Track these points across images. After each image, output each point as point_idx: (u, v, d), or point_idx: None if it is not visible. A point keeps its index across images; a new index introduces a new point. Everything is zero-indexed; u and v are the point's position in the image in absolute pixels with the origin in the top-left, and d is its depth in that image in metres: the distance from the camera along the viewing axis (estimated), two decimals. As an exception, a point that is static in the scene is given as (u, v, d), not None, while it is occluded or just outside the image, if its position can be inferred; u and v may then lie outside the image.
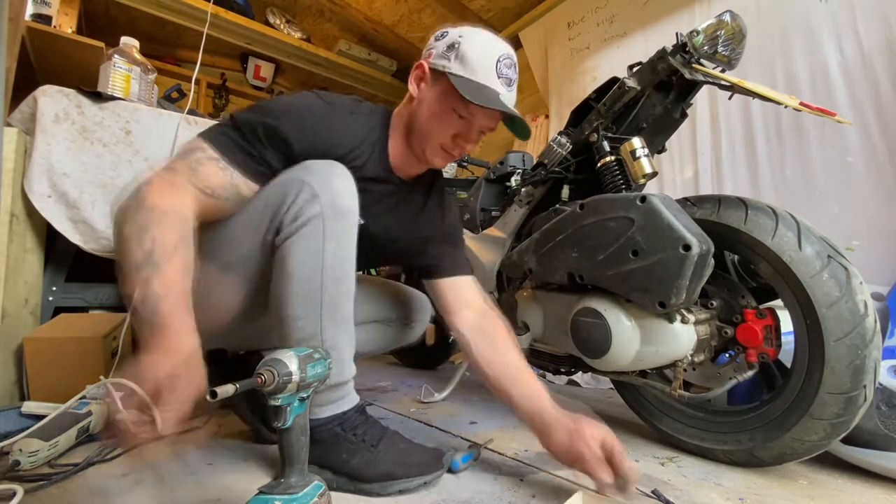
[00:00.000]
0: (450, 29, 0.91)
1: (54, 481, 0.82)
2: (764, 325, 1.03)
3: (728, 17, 1.08)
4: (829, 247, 0.95)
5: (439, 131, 0.90)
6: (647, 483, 0.94)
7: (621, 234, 1.00)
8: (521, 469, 1.01)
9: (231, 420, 1.17)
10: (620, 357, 1.04)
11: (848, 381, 0.90)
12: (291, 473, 0.67)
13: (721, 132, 1.91)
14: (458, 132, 0.91)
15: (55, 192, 1.40)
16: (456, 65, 0.87)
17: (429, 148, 0.92)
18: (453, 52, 0.87)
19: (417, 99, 0.92)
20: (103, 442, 0.94)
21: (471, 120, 0.89)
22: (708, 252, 0.94)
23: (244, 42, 3.22)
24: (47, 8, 1.83)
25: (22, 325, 1.37)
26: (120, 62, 1.58)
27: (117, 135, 1.51)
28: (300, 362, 0.63)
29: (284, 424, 0.64)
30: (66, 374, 1.21)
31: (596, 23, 2.55)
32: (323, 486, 0.70)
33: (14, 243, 1.33)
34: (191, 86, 1.86)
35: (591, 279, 1.06)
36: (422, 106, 0.91)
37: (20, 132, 1.38)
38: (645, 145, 1.14)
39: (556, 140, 1.31)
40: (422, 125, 0.91)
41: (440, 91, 0.89)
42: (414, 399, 1.56)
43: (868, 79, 1.54)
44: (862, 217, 1.50)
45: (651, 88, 1.14)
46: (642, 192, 1.00)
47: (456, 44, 0.88)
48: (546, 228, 1.17)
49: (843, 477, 1.06)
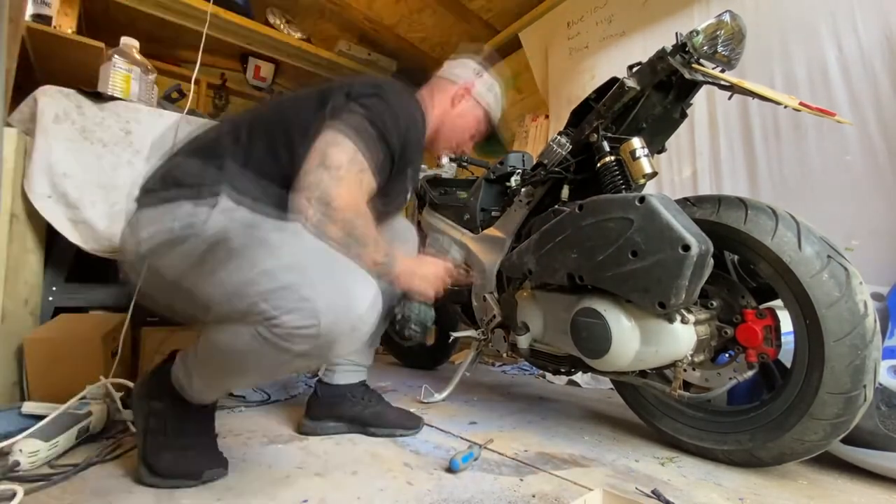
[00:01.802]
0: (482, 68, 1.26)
1: (54, 482, 0.82)
2: (764, 325, 1.03)
3: (728, 17, 1.08)
4: (828, 247, 0.95)
5: (461, 139, 1.27)
6: (647, 483, 0.94)
7: (620, 234, 1.00)
8: (521, 469, 1.01)
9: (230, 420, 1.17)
10: (620, 357, 1.04)
11: (848, 381, 0.90)
12: None
13: (719, 132, 1.91)
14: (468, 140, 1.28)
15: (55, 192, 1.40)
16: (493, 102, 1.27)
17: (447, 146, 1.27)
18: (492, 93, 1.26)
19: (458, 110, 1.22)
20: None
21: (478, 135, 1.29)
22: (707, 252, 0.94)
23: (244, 42, 3.22)
24: (47, 8, 1.83)
25: (22, 325, 1.37)
26: (120, 62, 1.58)
27: (117, 135, 1.51)
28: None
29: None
30: (66, 375, 1.21)
31: (595, 22, 2.55)
32: None
33: (14, 243, 1.33)
34: (191, 86, 1.86)
35: (591, 280, 1.06)
36: (462, 117, 1.23)
37: (20, 132, 1.39)
38: (645, 145, 1.14)
39: (556, 140, 1.31)
40: (453, 131, 1.24)
41: (480, 115, 1.26)
42: (414, 399, 1.56)
43: (867, 77, 1.54)
44: (861, 217, 1.50)
45: (651, 88, 1.14)
46: (641, 193, 1.00)
47: (493, 86, 1.26)
48: (545, 229, 1.17)
49: (843, 477, 1.06)
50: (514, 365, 2.38)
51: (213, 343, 0.80)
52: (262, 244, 0.76)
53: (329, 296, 0.73)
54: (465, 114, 1.23)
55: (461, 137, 1.26)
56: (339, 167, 0.86)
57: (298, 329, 0.71)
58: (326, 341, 0.73)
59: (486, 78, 1.26)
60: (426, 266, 1.11)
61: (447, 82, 1.23)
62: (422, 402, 1.53)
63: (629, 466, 1.05)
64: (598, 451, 1.14)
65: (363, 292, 0.76)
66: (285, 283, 0.72)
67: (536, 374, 2.21)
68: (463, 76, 1.24)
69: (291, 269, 0.74)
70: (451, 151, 1.29)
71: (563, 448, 1.16)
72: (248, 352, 0.75)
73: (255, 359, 0.76)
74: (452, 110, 1.22)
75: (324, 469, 0.96)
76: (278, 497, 0.82)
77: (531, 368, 2.28)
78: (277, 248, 0.76)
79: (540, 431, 1.29)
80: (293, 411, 1.35)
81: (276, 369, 0.82)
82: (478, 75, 1.25)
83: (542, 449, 1.14)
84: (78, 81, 1.50)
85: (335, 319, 0.73)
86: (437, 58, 3.66)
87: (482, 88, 1.24)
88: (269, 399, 1.46)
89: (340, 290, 0.75)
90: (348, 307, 0.74)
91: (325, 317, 0.72)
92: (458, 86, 1.22)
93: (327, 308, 0.72)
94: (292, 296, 0.71)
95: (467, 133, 1.26)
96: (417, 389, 1.66)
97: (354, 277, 0.78)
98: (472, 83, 1.23)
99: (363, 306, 0.75)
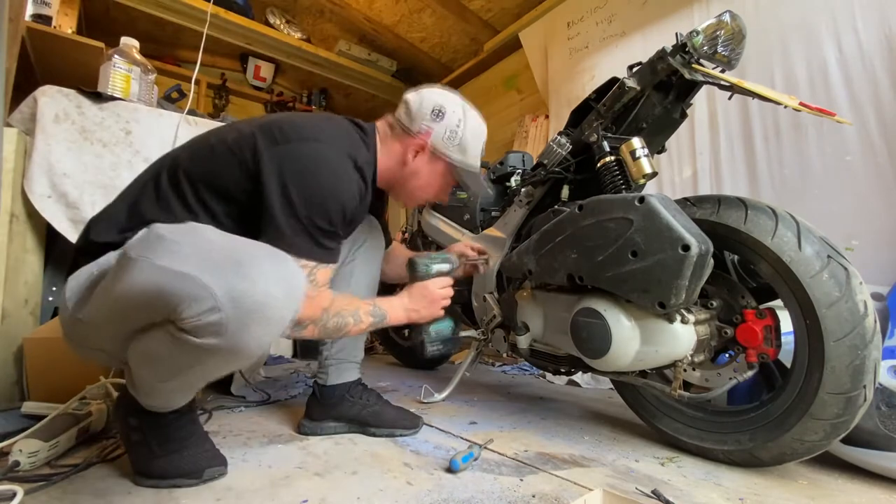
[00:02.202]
0: (443, 105, 1.07)
1: (54, 482, 0.82)
2: (764, 326, 1.03)
3: (728, 17, 1.08)
4: (828, 247, 0.95)
5: (425, 196, 1.16)
6: (647, 483, 0.94)
7: (620, 235, 1.00)
8: (521, 469, 1.01)
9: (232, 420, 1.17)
10: (620, 357, 1.04)
11: (848, 381, 0.90)
12: None
13: (719, 132, 1.91)
14: (431, 196, 1.17)
15: (55, 192, 1.40)
16: (456, 153, 1.08)
17: (410, 202, 1.18)
18: (455, 140, 1.07)
19: (411, 169, 1.08)
20: None
21: (448, 190, 1.17)
22: (707, 252, 0.94)
23: (244, 42, 3.22)
24: (47, 8, 1.83)
25: (22, 326, 1.37)
26: (120, 62, 1.58)
27: (117, 135, 1.51)
28: None
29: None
30: (66, 375, 1.21)
31: (595, 22, 2.55)
32: None
33: (14, 243, 1.33)
34: (191, 86, 1.86)
35: (591, 280, 1.06)
36: (416, 176, 1.10)
37: (20, 132, 1.39)
38: (645, 145, 1.14)
39: (556, 140, 1.31)
40: (412, 190, 1.12)
41: (440, 171, 1.11)
42: (414, 399, 1.56)
43: (867, 77, 1.54)
44: (861, 217, 1.50)
45: (651, 89, 1.14)
46: (641, 193, 1.00)
47: (456, 132, 1.07)
48: (545, 230, 1.17)
49: (843, 477, 1.06)
50: (514, 365, 2.38)
51: (134, 353, 0.77)
52: (158, 242, 0.70)
53: (230, 276, 0.66)
54: (419, 171, 1.09)
55: (423, 196, 1.15)
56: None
57: (200, 316, 0.65)
58: (236, 327, 0.66)
59: (447, 117, 1.06)
60: (422, 291, 1.12)
61: (401, 130, 1.08)
62: (422, 402, 1.53)
63: (629, 466, 1.05)
64: (598, 451, 1.14)
65: (270, 266, 0.70)
66: (183, 272, 0.66)
67: (536, 374, 2.21)
68: (418, 122, 1.06)
69: (188, 259, 0.67)
70: (415, 205, 1.23)
71: (563, 448, 1.16)
72: (162, 356, 0.72)
73: (172, 362, 0.73)
74: (404, 169, 1.08)
75: (324, 469, 0.96)
76: (278, 497, 0.82)
77: (531, 368, 2.28)
78: (174, 243, 0.69)
79: (540, 431, 1.29)
80: (293, 411, 1.35)
81: (199, 371, 0.76)
82: (436, 118, 1.05)
83: (542, 449, 1.14)
84: (78, 81, 1.50)
85: (239, 297, 0.66)
86: (436, 58, 3.66)
87: (442, 136, 1.06)
88: (269, 399, 1.46)
89: (243, 269, 0.67)
90: (253, 283, 0.67)
91: (227, 297, 0.65)
92: (410, 138, 1.07)
93: (229, 287, 0.65)
94: (190, 284, 0.65)
95: (429, 191, 1.14)
96: (417, 389, 1.66)
97: (259, 254, 0.71)
98: (429, 132, 1.06)
99: (272, 281, 0.68)
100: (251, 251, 0.72)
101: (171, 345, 0.70)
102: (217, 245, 0.71)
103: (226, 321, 0.66)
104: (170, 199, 0.87)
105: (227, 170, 0.88)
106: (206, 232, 0.75)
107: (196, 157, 0.92)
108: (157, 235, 0.71)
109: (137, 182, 0.93)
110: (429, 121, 1.06)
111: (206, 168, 0.89)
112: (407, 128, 1.07)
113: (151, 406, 0.84)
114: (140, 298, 0.69)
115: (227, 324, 0.66)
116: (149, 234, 0.72)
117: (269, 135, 0.90)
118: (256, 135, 0.90)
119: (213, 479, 0.87)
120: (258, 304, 0.67)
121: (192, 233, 0.73)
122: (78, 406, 1.07)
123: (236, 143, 0.90)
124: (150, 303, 0.68)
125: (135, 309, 0.71)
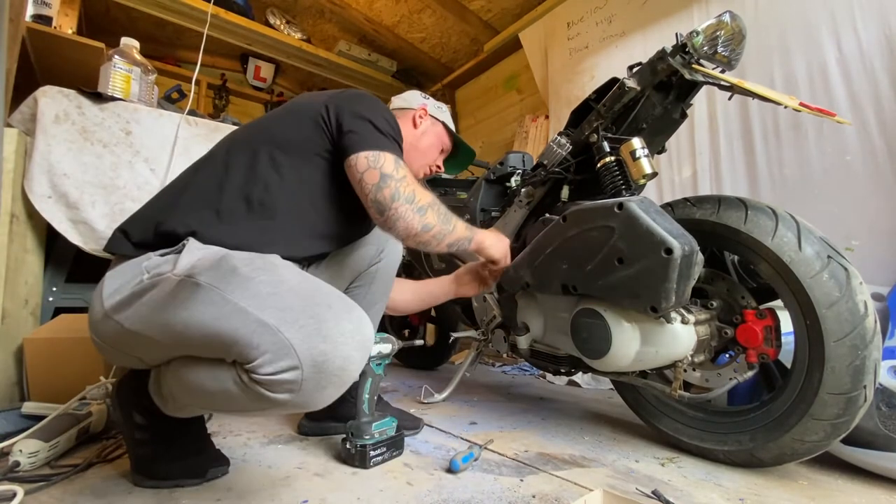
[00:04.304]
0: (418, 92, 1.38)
1: (54, 482, 0.82)
2: (764, 326, 1.03)
3: (728, 17, 1.08)
4: (828, 247, 0.95)
5: (433, 155, 1.33)
6: (647, 483, 0.94)
7: (604, 243, 1.00)
8: (521, 469, 1.01)
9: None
10: (620, 358, 1.04)
11: (848, 381, 0.90)
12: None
13: (719, 132, 1.91)
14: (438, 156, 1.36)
15: (55, 192, 1.40)
16: (445, 117, 1.35)
17: (420, 166, 1.31)
18: (441, 108, 1.35)
19: (421, 129, 1.29)
20: None
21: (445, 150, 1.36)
22: (692, 252, 0.94)
23: (244, 43, 3.22)
24: (47, 9, 1.83)
25: (22, 326, 1.37)
26: (120, 63, 1.58)
27: (117, 135, 1.51)
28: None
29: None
30: (66, 375, 1.21)
31: (595, 22, 2.55)
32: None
33: (14, 244, 1.33)
34: (191, 86, 1.86)
35: (584, 289, 1.06)
36: (425, 136, 1.30)
37: (20, 133, 1.39)
38: (645, 146, 1.14)
39: (556, 140, 1.31)
40: (421, 150, 1.29)
41: (439, 131, 1.33)
42: (414, 399, 1.56)
43: (867, 77, 1.54)
44: (861, 217, 1.50)
45: (651, 89, 1.14)
46: (619, 199, 1.00)
47: (437, 104, 1.36)
48: (536, 241, 1.18)
49: (843, 477, 1.06)
50: (514, 365, 2.38)
51: (184, 381, 0.74)
52: (232, 275, 0.69)
53: (313, 336, 0.65)
54: (427, 131, 1.31)
55: (431, 155, 1.32)
56: (395, 174, 0.92)
57: (278, 374, 0.64)
58: (313, 387, 0.66)
59: (432, 100, 1.36)
60: (500, 236, 1.25)
61: (401, 110, 1.30)
62: (422, 403, 1.53)
63: (629, 467, 1.05)
64: (599, 452, 1.14)
65: (349, 325, 0.68)
66: (263, 321, 0.65)
67: (536, 374, 2.21)
68: (414, 101, 1.33)
69: (265, 303, 0.67)
70: (426, 172, 1.34)
71: (563, 448, 1.16)
72: (223, 394, 0.70)
73: (230, 401, 0.71)
74: (416, 131, 1.28)
75: (324, 469, 0.96)
76: (278, 497, 0.82)
77: (531, 369, 2.28)
78: (250, 280, 0.69)
79: (540, 432, 1.29)
80: (293, 411, 1.35)
81: (253, 412, 0.72)
82: (425, 98, 1.35)
83: (542, 449, 1.14)
84: (78, 82, 1.50)
85: (321, 361, 0.65)
86: (436, 58, 3.66)
87: (433, 108, 1.34)
88: (269, 399, 1.46)
89: (324, 328, 0.66)
90: (335, 346, 0.66)
91: (308, 358, 0.64)
92: (414, 109, 1.30)
93: (310, 348, 0.64)
94: (271, 338, 0.64)
95: (435, 149, 1.32)
96: (417, 389, 1.66)
97: (340, 310, 0.70)
98: (425, 104, 1.32)
99: (351, 344, 0.67)
100: (328, 301, 0.70)
101: (237, 388, 0.68)
102: (294, 288, 0.71)
103: (303, 381, 0.65)
104: (228, 170, 0.89)
105: (293, 130, 0.95)
106: (282, 270, 0.74)
107: (254, 128, 0.98)
108: (232, 267, 0.70)
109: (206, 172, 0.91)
110: (420, 98, 1.33)
111: (271, 132, 0.95)
112: (408, 107, 1.31)
113: (170, 411, 0.83)
114: (209, 332, 0.67)
115: (305, 384, 0.65)
116: (221, 263, 0.71)
117: (327, 97, 1.00)
118: (320, 104, 0.98)
119: (216, 479, 0.87)
120: (338, 368, 0.66)
121: (268, 270, 0.72)
122: (78, 406, 1.07)
123: (292, 110, 0.99)
124: (222, 342, 0.67)
125: (200, 339, 0.69)
